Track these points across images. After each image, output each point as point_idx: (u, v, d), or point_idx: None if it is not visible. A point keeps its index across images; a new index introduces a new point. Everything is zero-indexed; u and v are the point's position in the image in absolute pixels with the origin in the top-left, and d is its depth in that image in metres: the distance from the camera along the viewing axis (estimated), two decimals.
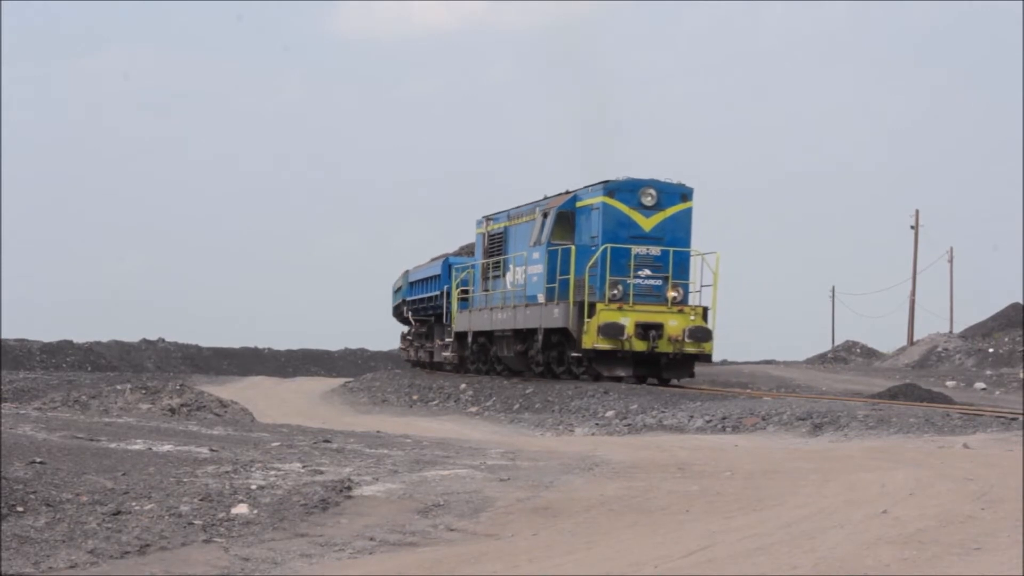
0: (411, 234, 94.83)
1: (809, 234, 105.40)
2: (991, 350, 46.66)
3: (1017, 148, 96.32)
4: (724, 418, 18.74)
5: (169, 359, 58.45)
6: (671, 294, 24.45)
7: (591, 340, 23.90)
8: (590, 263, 24.30)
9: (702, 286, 24.95)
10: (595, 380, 24.37)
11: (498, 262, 28.84)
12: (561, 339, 25.42)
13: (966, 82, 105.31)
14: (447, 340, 33.13)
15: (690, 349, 24.28)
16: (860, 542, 7.86)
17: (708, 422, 18.75)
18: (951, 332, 56.57)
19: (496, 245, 29.26)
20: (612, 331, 23.76)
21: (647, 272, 24.43)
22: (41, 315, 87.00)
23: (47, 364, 50.56)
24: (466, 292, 30.94)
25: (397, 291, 40.55)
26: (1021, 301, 54.46)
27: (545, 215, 26.22)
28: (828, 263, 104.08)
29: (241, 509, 9.49)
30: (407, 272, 38.89)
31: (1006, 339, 47.79)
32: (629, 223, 24.58)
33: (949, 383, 32.90)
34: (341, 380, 38.63)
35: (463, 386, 27.47)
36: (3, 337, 52.80)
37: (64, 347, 54.07)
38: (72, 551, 7.97)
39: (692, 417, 19.32)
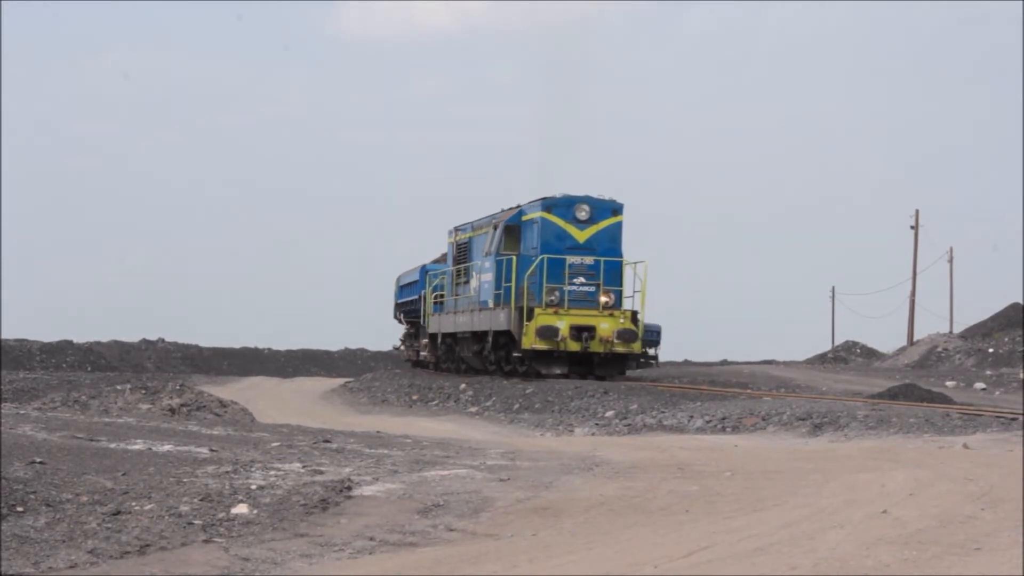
0: (412, 235, 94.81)
1: (809, 234, 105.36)
2: (991, 350, 46.63)
3: (1017, 148, 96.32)
4: (724, 418, 18.75)
5: (169, 359, 58.38)
6: (603, 299, 26.73)
7: (530, 341, 26.21)
8: (529, 271, 26.63)
9: (634, 291, 27.30)
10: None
11: (462, 269, 31.08)
12: (507, 340, 27.47)
13: (966, 82, 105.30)
14: (424, 341, 35.44)
15: (620, 349, 26.63)
16: (860, 542, 7.86)
17: (708, 422, 18.76)
18: (951, 332, 56.53)
19: (462, 254, 31.38)
20: (548, 333, 26.10)
21: (581, 279, 26.75)
22: (41, 315, 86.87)
23: (47, 364, 50.51)
24: (441, 296, 32.90)
25: (395, 294, 41.57)
26: (1021, 301, 54.39)
27: (495, 228, 28.54)
28: (828, 263, 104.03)
29: (241, 509, 9.50)
30: (399, 276, 40.59)
31: (1006, 339, 47.77)
32: (564, 235, 26.95)
33: (949, 383, 32.86)
34: (341, 380, 38.61)
35: (463, 386, 27.48)
36: (3, 337, 52.78)
37: (64, 347, 54.03)
38: (72, 551, 7.97)
39: (692, 417, 19.32)
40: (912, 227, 60.51)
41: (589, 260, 26.78)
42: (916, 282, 59.84)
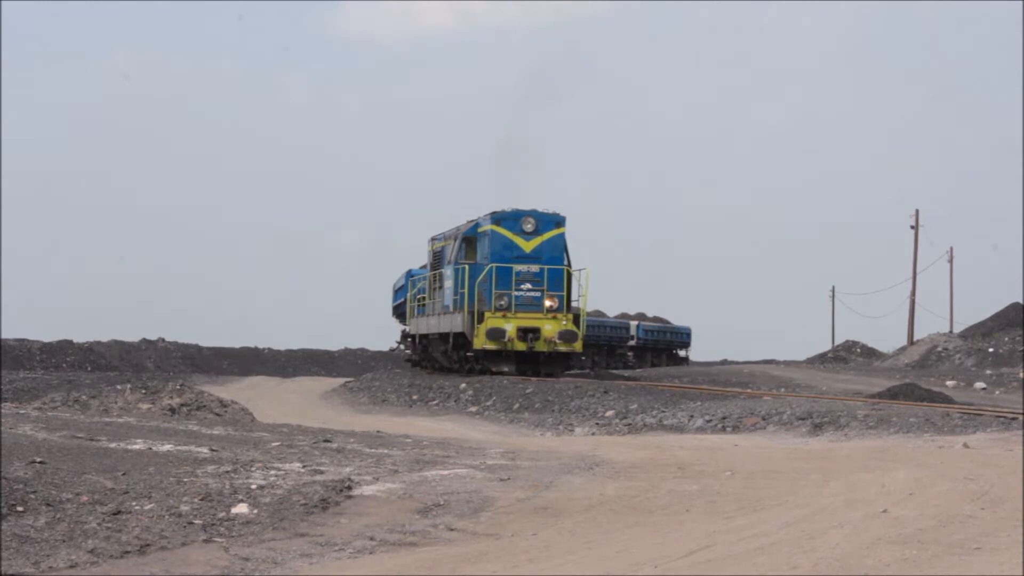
0: (412, 235, 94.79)
1: (809, 234, 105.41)
2: (991, 350, 46.58)
3: (1017, 148, 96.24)
4: (724, 418, 18.75)
5: (169, 359, 58.35)
6: (547, 303, 29.20)
7: (480, 342, 28.89)
8: (480, 278, 29.23)
9: (579, 296, 29.85)
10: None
11: (435, 276, 33.53)
12: (464, 341, 29.97)
13: (966, 82, 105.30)
14: (408, 340, 38.35)
15: (562, 348, 29.16)
16: (860, 542, 7.86)
17: (708, 422, 18.76)
18: (951, 332, 56.48)
19: (437, 261, 33.82)
20: (496, 335, 28.74)
21: (528, 286, 29.26)
22: (41, 315, 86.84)
23: (47, 364, 50.45)
24: (422, 300, 35.24)
25: (392, 295, 42.45)
26: (1021, 301, 54.34)
27: (456, 239, 31.24)
28: (828, 263, 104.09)
29: (241, 509, 9.50)
30: (396, 279, 42.45)
31: (1006, 339, 47.72)
32: (512, 246, 29.53)
33: (949, 383, 32.84)
34: (341, 380, 38.59)
35: (463, 386, 27.49)
36: (3, 337, 52.71)
37: (64, 347, 53.96)
38: (72, 551, 7.97)
39: (692, 417, 19.33)
40: (912, 227, 60.47)
41: (535, 268, 29.24)
42: (916, 282, 59.81)
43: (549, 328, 28.85)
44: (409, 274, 37.91)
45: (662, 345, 55.40)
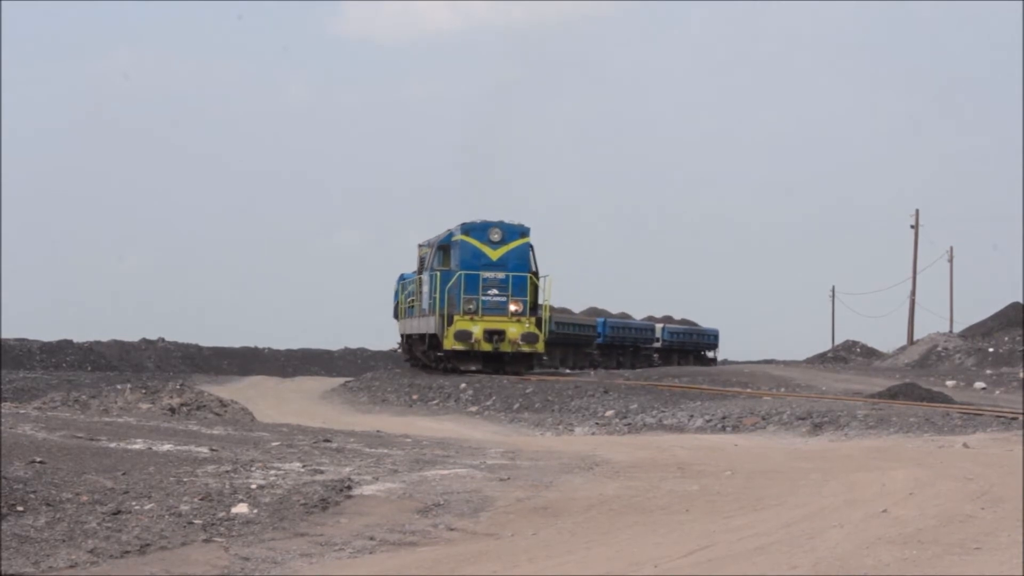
0: (412, 235, 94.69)
1: (809, 234, 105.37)
2: (991, 349, 46.55)
3: (1017, 148, 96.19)
4: (724, 418, 18.76)
5: (169, 359, 58.31)
6: (512, 308, 31.40)
7: (450, 343, 31.28)
8: (450, 284, 31.58)
9: (543, 300, 32.18)
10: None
11: (420, 280, 35.74)
12: (437, 341, 32.38)
13: (965, 82, 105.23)
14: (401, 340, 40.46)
15: (525, 349, 31.48)
16: (860, 542, 7.87)
17: (708, 422, 18.77)
18: (951, 332, 56.46)
19: (423, 266, 35.97)
20: (464, 336, 31.11)
21: (494, 291, 31.46)
22: (41, 315, 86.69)
23: (47, 364, 50.41)
24: (413, 302, 37.16)
25: (393, 296, 42.98)
26: (1021, 301, 54.32)
27: (434, 247, 33.80)
28: (828, 263, 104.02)
29: (241, 508, 9.50)
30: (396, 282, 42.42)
31: (1006, 339, 47.70)
32: (480, 254, 31.90)
33: (949, 383, 32.79)
34: (341, 380, 38.57)
35: (463, 386, 27.52)
36: (3, 337, 52.67)
37: (64, 347, 53.94)
38: (72, 551, 7.97)
39: (692, 417, 19.33)
40: (912, 227, 60.46)
41: (501, 275, 31.42)
42: (916, 282, 59.80)
43: (513, 330, 31.05)
44: (401, 277, 39.71)
45: (688, 347, 56.09)
